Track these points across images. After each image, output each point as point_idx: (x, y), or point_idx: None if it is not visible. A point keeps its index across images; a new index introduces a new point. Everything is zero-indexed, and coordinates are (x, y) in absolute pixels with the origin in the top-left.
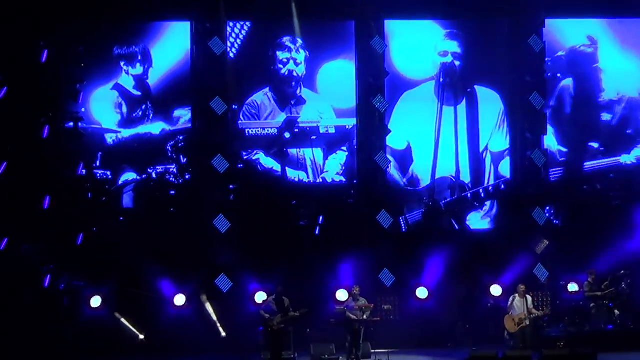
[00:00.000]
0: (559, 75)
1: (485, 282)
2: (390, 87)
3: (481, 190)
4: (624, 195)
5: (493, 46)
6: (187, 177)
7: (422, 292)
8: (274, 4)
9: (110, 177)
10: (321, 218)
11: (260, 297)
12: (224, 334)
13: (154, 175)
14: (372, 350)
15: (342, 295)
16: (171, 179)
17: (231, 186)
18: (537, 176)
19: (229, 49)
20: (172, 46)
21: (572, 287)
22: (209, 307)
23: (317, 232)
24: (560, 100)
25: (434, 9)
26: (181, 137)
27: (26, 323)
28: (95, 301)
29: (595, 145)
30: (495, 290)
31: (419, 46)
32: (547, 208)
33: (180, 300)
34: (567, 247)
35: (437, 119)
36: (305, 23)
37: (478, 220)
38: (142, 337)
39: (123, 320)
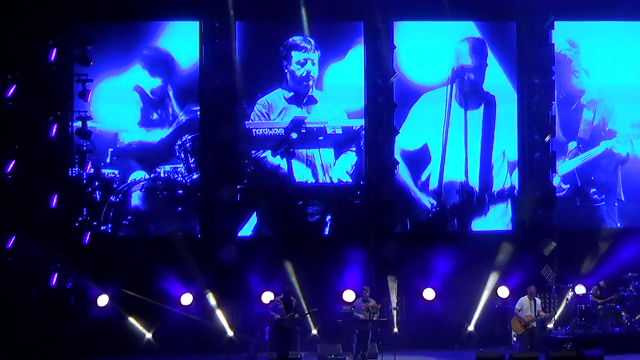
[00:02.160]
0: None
1: (493, 284)
2: (400, 91)
3: (486, 196)
4: (604, 192)
5: (505, 49)
6: (195, 176)
7: (429, 293)
8: (282, 4)
9: (118, 176)
10: (328, 218)
11: (267, 297)
12: (230, 333)
13: (162, 174)
14: (379, 351)
15: (349, 295)
16: (178, 178)
17: (238, 186)
18: (544, 179)
19: (237, 48)
20: (181, 45)
21: (580, 289)
22: (215, 307)
23: (326, 233)
24: None
25: (442, 11)
26: (189, 137)
27: (33, 322)
28: (102, 300)
29: (574, 144)
30: (503, 292)
31: (430, 51)
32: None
33: (187, 299)
34: (573, 249)
35: (445, 123)
36: (314, 23)
37: (493, 222)
38: (148, 336)
39: (130, 319)
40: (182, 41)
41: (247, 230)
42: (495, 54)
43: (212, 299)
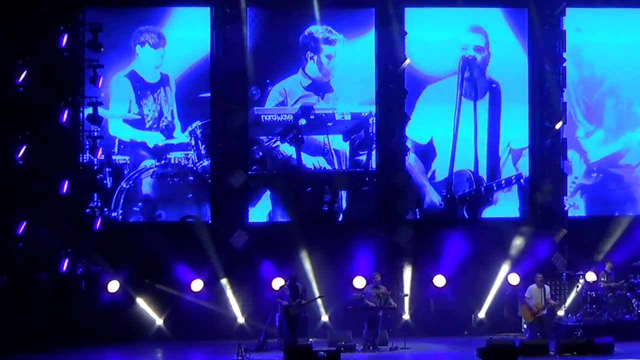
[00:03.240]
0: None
1: (503, 271)
2: (409, 80)
3: (494, 184)
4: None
5: (516, 36)
6: (205, 163)
7: (439, 280)
8: None
9: (129, 162)
10: (339, 205)
11: (278, 283)
12: (241, 320)
13: (172, 160)
14: (389, 338)
15: (359, 282)
16: (189, 165)
17: (249, 172)
18: (556, 166)
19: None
20: (191, 32)
21: (590, 276)
22: (228, 293)
23: (336, 219)
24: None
25: None
26: (200, 124)
27: (43, 307)
28: (113, 286)
29: (602, 131)
30: (513, 279)
31: (440, 39)
32: (564, 197)
33: (197, 286)
34: (586, 236)
35: (455, 113)
36: (326, 9)
37: (502, 209)
38: (159, 322)
39: (141, 305)
40: (192, 27)
41: (257, 216)
42: (507, 40)
43: (223, 285)
